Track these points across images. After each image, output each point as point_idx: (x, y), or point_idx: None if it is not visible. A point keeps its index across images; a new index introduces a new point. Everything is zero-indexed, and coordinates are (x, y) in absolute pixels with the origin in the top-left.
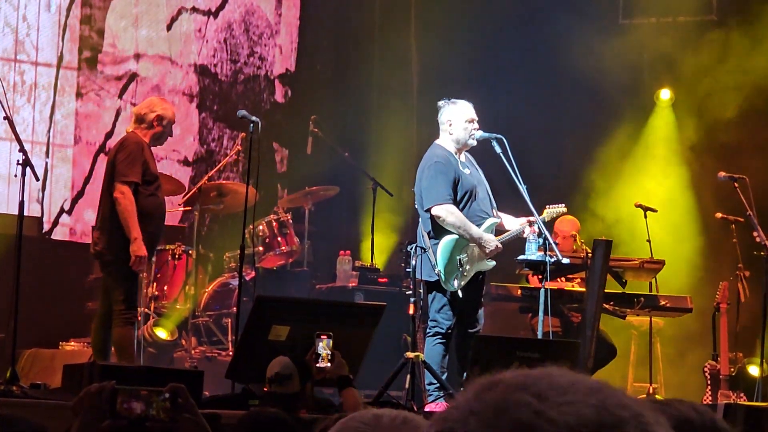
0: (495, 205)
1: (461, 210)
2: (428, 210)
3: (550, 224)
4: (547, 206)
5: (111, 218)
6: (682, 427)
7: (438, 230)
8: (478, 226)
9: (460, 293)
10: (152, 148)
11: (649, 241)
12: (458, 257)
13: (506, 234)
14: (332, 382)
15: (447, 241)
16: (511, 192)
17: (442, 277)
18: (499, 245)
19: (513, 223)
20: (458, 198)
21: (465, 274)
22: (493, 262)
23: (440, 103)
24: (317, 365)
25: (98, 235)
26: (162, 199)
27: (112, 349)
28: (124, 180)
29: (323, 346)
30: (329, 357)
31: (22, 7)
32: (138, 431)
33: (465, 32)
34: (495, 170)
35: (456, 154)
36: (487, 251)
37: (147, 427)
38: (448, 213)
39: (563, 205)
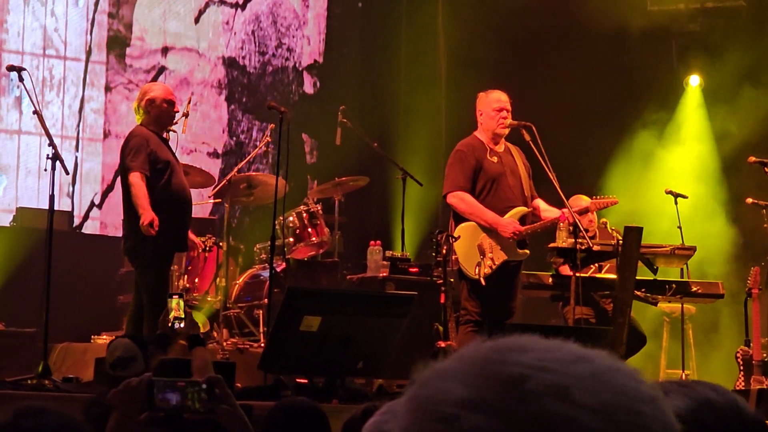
0: (531, 195)
1: (482, 197)
2: (444, 197)
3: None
4: (594, 197)
5: (132, 215)
6: (703, 409)
7: (458, 218)
8: (503, 213)
9: (482, 281)
10: (171, 136)
11: (680, 227)
12: (476, 244)
13: (535, 225)
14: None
15: (462, 227)
16: (540, 179)
17: (461, 264)
18: (519, 228)
19: (550, 214)
20: (480, 186)
21: (491, 262)
22: (527, 252)
23: (478, 94)
24: (173, 327)
25: (124, 232)
26: (179, 184)
27: None
28: (131, 172)
29: (176, 307)
30: (182, 318)
31: (50, 2)
32: (175, 423)
33: (492, 19)
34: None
35: (490, 143)
36: (505, 236)
37: (184, 419)
38: (459, 200)
39: (613, 196)
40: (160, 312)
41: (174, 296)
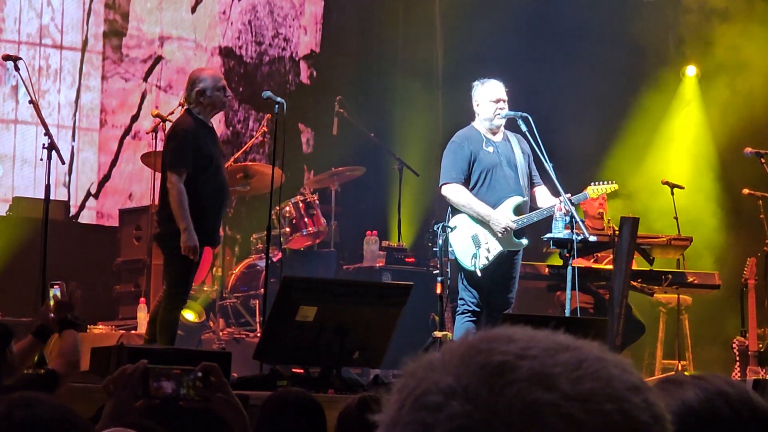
0: (528, 184)
1: (476, 188)
2: (439, 189)
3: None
4: (593, 183)
5: (166, 205)
6: (717, 400)
7: (455, 208)
8: (497, 204)
9: (478, 272)
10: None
11: (676, 218)
12: (471, 235)
13: (531, 214)
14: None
15: (457, 218)
16: (538, 170)
17: (455, 255)
18: (511, 224)
19: (548, 202)
20: (476, 177)
21: (486, 253)
22: (526, 241)
23: (473, 84)
24: (50, 314)
25: (156, 220)
26: (221, 178)
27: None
28: (172, 170)
29: (56, 296)
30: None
31: None
32: (171, 410)
33: (489, 11)
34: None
35: (487, 133)
36: (497, 231)
37: (180, 407)
38: (452, 192)
39: (613, 182)
40: (178, 303)
41: (55, 284)
